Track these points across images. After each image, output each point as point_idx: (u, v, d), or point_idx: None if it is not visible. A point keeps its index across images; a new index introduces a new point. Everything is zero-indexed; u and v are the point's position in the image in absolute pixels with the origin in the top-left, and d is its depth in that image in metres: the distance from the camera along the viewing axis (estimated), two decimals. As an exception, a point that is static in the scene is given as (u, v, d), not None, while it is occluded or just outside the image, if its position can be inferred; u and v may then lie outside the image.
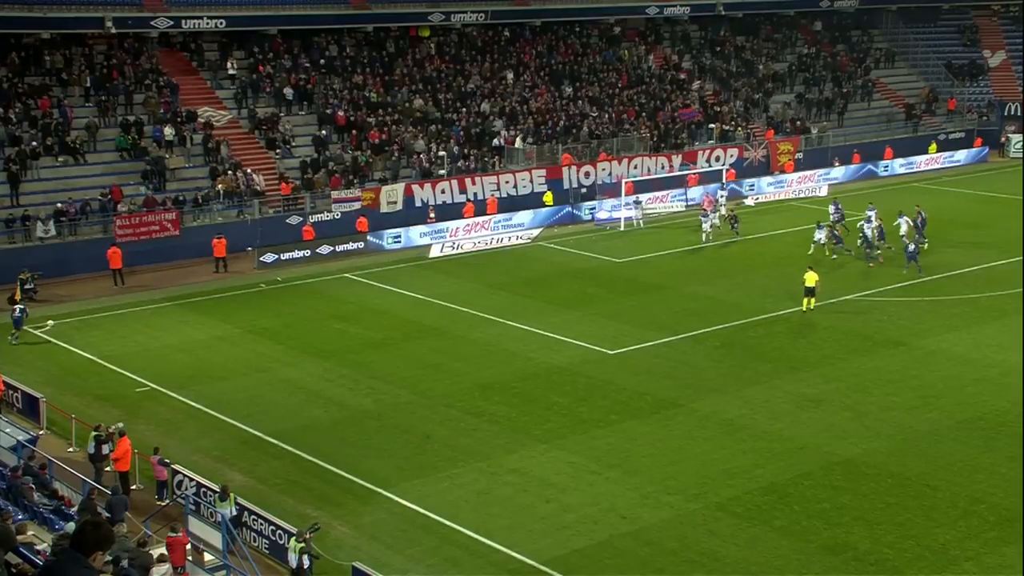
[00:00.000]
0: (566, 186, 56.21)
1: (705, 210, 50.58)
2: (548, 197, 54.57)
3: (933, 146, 69.53)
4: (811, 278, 38.39)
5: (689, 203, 55.52)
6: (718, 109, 66.13)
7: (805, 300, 38.38)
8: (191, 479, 24.52)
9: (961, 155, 69.76)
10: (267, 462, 27.11)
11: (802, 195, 59.58)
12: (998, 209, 56.38)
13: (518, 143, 56.96)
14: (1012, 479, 25.61)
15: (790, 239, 50.13)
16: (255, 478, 26.11)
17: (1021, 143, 70.27)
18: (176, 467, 25.17)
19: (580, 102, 62.24)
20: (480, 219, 51.22)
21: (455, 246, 48.72)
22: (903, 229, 45.50)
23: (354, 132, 54.28)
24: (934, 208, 56.33)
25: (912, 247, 43.52)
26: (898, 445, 27.70)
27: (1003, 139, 72.24)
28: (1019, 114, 73.98)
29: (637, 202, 53.33)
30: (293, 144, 53.31)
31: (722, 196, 54.51)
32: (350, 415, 30.02)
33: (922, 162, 67.84)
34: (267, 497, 24.84)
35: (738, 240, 48.95)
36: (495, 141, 56.85)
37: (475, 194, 53.43)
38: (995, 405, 30.17)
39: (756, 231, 50.66)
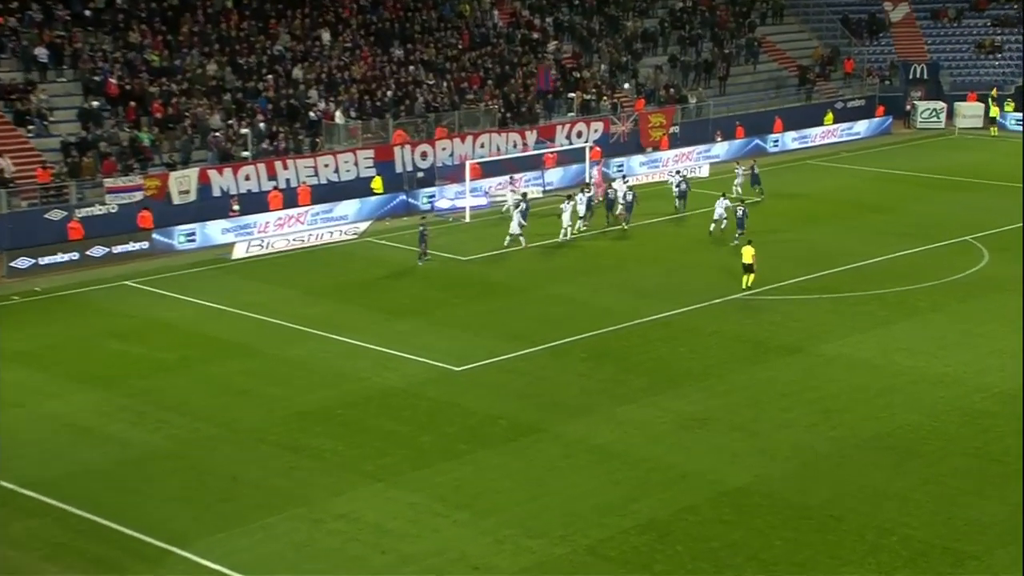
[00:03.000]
0: (399, 169, 56.23)
1: (595, 192, 51.49)
2: (377, 183, 54.51)
3: (829, 116, 72.06)
4: (747, 253, 41.32)
5: (547, 187, 56.09)
6: (578, 75, 67.07)
7: (744, 277, 41.13)
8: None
9: (861, 126, 72.62)
10: (22, 521, 26.28)
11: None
12: (904, 189, 58.73)
13: (339, 118, 56.71)
14: (925, 506, 26.64)
15: (668, 229, 51.21)
16: (6, 543, 25.29)
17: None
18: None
19: (413, 68, 62.31)
20: (294, 211, 50.84)
21: (264, 244, 48.24)
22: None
23: (132, 104, 53.13)
24: (832, 189, 58.54)
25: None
26: (796, 469, 28.53)
27: (908, 106, 75.25)
28: (926, 77, 76.94)
29: (512, 179, 54.00)
30: (51, 119, 51.87)
31: (592, 177, 55.44)
32: (135, 456, 29.39)
33: (817, 135, 70.29)
34: (24, 567, 24.14)
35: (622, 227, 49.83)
36: (310, 115, 56.48)
37: (288, 180, 52.94)
38: (906, 419, 31.34)
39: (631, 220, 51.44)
